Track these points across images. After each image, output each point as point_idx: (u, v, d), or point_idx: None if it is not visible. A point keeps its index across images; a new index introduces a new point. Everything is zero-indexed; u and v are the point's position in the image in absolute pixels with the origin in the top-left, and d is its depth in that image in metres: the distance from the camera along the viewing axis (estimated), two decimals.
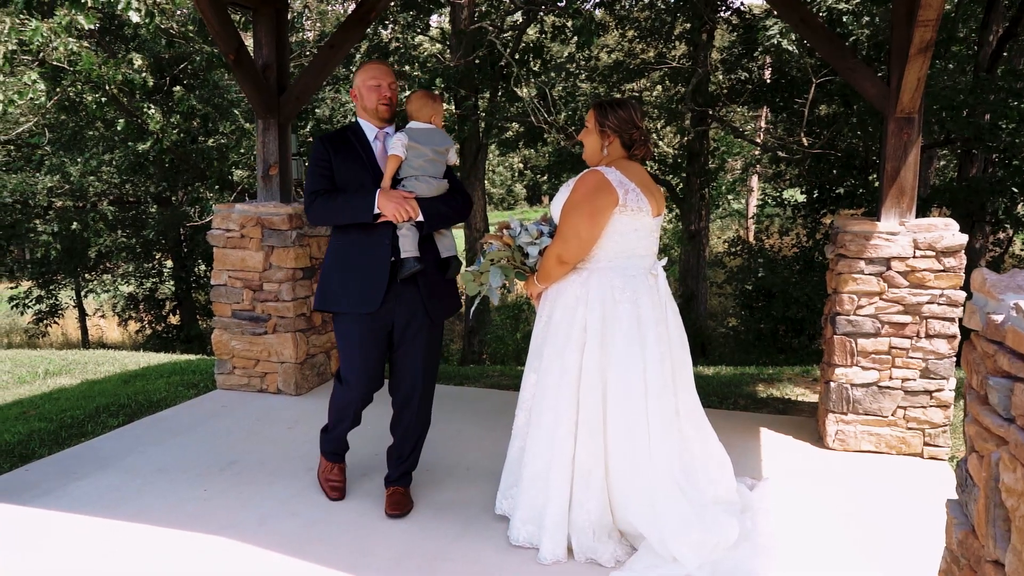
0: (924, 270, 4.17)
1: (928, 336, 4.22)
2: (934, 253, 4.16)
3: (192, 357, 7.54)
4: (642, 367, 3.14)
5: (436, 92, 11.25)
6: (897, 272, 4.22)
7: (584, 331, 3.17)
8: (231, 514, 3.56)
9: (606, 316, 3.15)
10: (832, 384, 4.38)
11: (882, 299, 4.26)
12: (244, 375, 5.38)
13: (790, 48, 9.54)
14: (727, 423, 4.81)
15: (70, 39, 9.96)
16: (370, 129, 3.57)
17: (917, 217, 4.30)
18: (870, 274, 4.26)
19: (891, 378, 4.31)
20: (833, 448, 4.40)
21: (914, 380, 4.27)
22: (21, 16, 9.93)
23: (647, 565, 3.05)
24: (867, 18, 9.77)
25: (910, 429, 4.32)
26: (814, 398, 5.51)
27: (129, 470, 4.03)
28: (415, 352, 3.55)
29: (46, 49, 10.19)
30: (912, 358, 4.26)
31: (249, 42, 5.60)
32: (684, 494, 3.17)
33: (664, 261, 3.41)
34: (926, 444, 4.30)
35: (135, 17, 9.04)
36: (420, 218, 3.44)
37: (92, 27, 9.94)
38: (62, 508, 3.59)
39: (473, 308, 3.65)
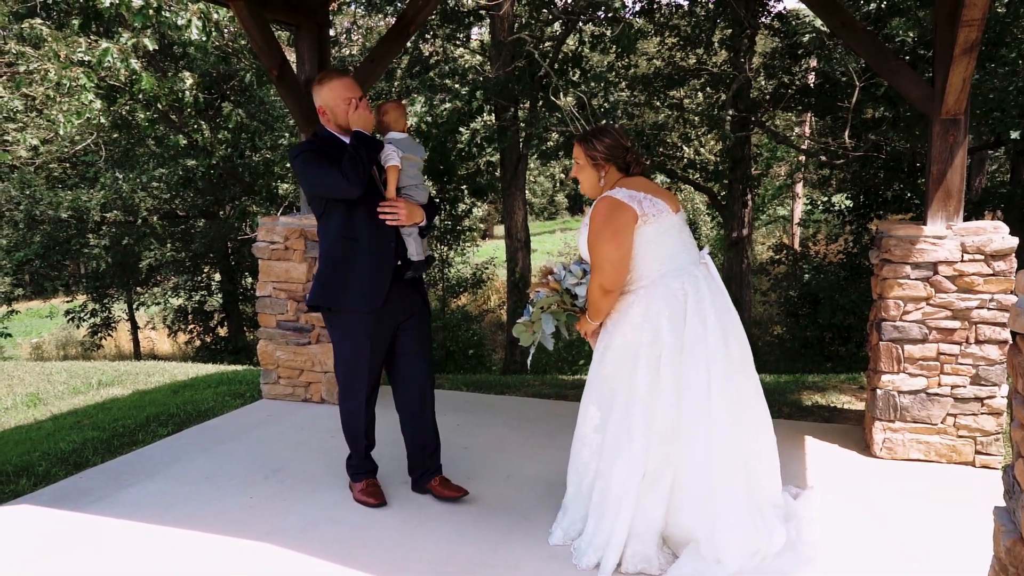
0: (973, 274, 4.08)
1: (978, 342, 4.12)
2: (983, 257, 4.06)
3: (239, 368, 7.69)
4: (705, 359, 3.09)
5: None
6: (944, 277, 4.13)
7: (652, 345, 3.12)
8: (275, 521, 3.62)
9: (675, 320, 3.11)
10: (879, 391, 4.30)
11: (929, 304, 4.17)
12: (289, 385, 5.47)
13: (825, 31, 9.31)
14: None
15: (132, 60, 10.28)
16: (346, 140, 3.61)
17: (966, 220, 4.22)
18: (916, 279, 4.18)
19: (940, 385, 4.21)
20: (880, 457, 4.32)
21: (964, 387, 4.17)
22: (92, 38, 10.29)
23: (692, 571, 3.03)
24: (911, 18, 9.57)
25: (961, 437, 4.21)
26: (860, 406, 5.40)
27: (177, 477, 4.13)
28: (419, 344, 3.77)
29: (108, 70, 10.53)
30: (962, 364, 4.16)
31: (292, 57, 5.72)
32: (743, 486, 3.10)
33: (707, 249, 3.41)
34: (978, 452, 4.19)
35: (195, 34, 9.31)
36: (424, 223, 3.71)
37: (155, 48, 10.26)
38: (114, 514, 3.69)
39: (529, 358, 3.70)
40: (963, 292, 4.11)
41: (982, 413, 4.16)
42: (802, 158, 15.75)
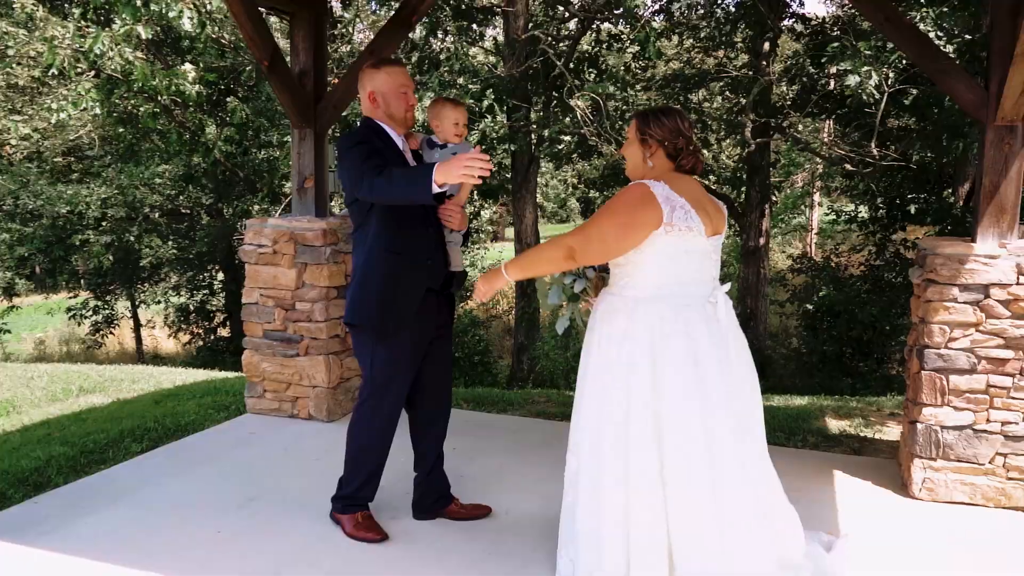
0: None
1: None
2: None
3: (230, 375, 7.32)
4: (700, 410, 2.73)
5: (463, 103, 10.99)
6: (997, 301, 3.71)
7: (630, 368, 2.77)
8: (244, 561, 3.23)
9: (656, 352, 2.74)
10: (919, 425, 3.88)
11: (979, 331, 3.75)
12: (275, 399, 5.09)
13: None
14: (796, 464, 4.33)
15: (127, 49, 9.93)
16: (396, 136, 3.33)
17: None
18: (964, 302, 3.76)
19: (988, 420, 3.79)
20: (920, 498, 3.89)
21: (1016, 424, 3.75)
22: (82, 23, 9.96)
23: None
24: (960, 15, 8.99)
25: (1011, 479, 3.78)
26: (892, 435, 4.98)
27: (141, 505, 3.74)
28: (446, 358, 3.54)
29: (102, 60, 10.19)
30: (1014, 398, 3.74)
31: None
32: (750, 556, 2.77)
33: (727, 287, 2.99)
34: None
35: (187, 25, 8.97)
36: (464, 230, 3.50)
37: (149, 37, 9.91)
38: (65, 549, 3.30)
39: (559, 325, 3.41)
40: (1018, 319, 3.69)
41: None
42: (819, 164, 15.31)
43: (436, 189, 2.87)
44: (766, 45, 12.60)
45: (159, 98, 11.49)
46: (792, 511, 3.05)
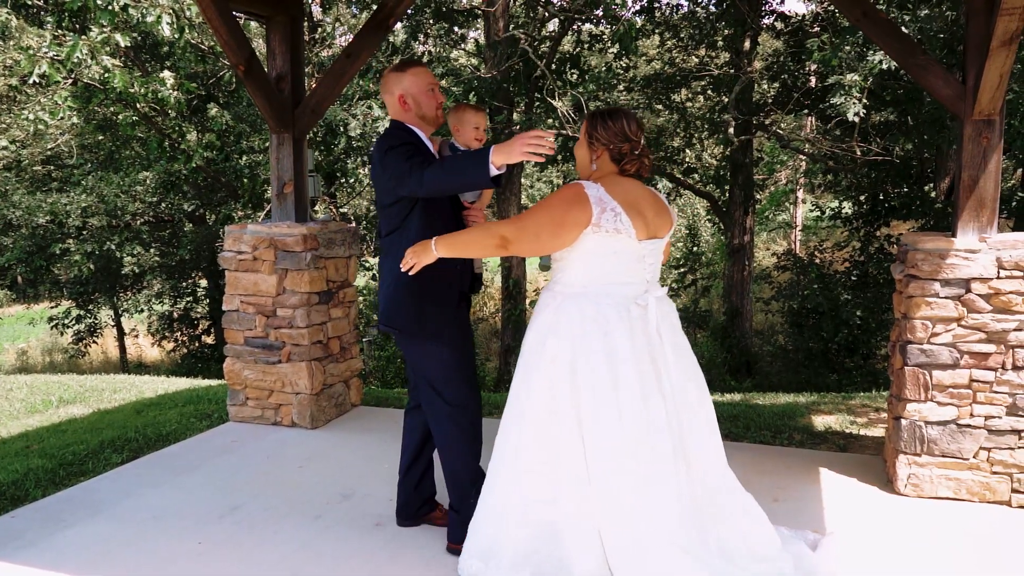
0: (1010, 292, 3.66)
1: (1016, 368, 3.70)
2: (1022, 273, 3.65)
3: (212, 383, 7.24)
4: (616, 408, 2.77)
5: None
6: (978, 295, 3.71)
7: (553, 363, 2.84)
8: (226, 572, 3.19)
9: (576, 349, 2.80)
10: (903, 421, 3.88)
11: (961, 326, 3.75)
12: (257, 407, 5.04)
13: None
14: (781, 462, 4.35)
15: (105, 57, 9.80)
16: (425, 138, 3.28)
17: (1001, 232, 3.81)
18: (946, 297, 3.76)
19: (972, 415, 3.79)
20: (905, 494, 3.89)
21: (999, 418, 3.75)
22: (59, 31, 9.83)
23: None
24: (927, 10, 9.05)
25: (995, 473, 3.79)
26: (878, 432, 4.98)
27: (122, 517, 3.69)
28: None
29: (79, 68, 10.06)
30: (997, 392, 3.74)
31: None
32: (686, 552, 2.78)
33: (664, 290, 3.00)
34: (1015, 491, 3.77)
35: (166, 31, 8.88)
36: None
37: (127, 44, 9.79)
38: (43, 564, 3.25)
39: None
40: (999, 312, 3.69)
41: (1019, 447, 3.74)
42: (802, 160, 15.36)
43: (494, 171, 2.82)
44: (747, 43, 12.65)
45: (137, 106, 11.37)
46: (753, 504, 3.06)
